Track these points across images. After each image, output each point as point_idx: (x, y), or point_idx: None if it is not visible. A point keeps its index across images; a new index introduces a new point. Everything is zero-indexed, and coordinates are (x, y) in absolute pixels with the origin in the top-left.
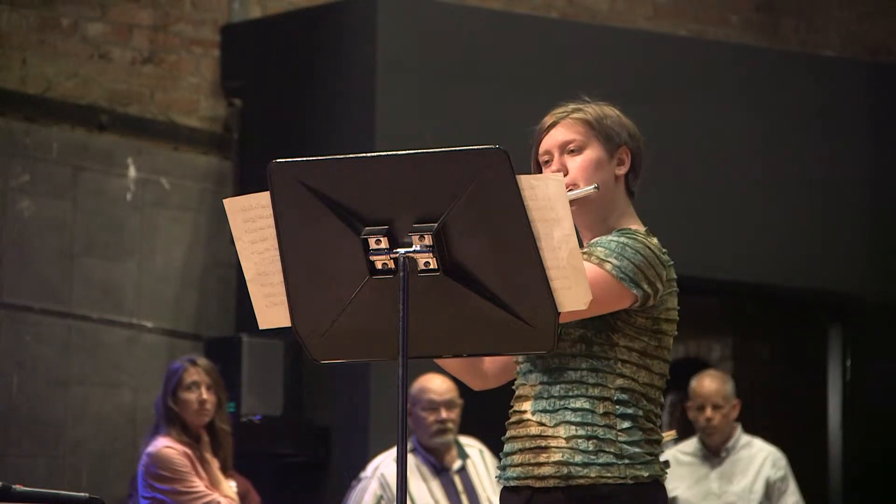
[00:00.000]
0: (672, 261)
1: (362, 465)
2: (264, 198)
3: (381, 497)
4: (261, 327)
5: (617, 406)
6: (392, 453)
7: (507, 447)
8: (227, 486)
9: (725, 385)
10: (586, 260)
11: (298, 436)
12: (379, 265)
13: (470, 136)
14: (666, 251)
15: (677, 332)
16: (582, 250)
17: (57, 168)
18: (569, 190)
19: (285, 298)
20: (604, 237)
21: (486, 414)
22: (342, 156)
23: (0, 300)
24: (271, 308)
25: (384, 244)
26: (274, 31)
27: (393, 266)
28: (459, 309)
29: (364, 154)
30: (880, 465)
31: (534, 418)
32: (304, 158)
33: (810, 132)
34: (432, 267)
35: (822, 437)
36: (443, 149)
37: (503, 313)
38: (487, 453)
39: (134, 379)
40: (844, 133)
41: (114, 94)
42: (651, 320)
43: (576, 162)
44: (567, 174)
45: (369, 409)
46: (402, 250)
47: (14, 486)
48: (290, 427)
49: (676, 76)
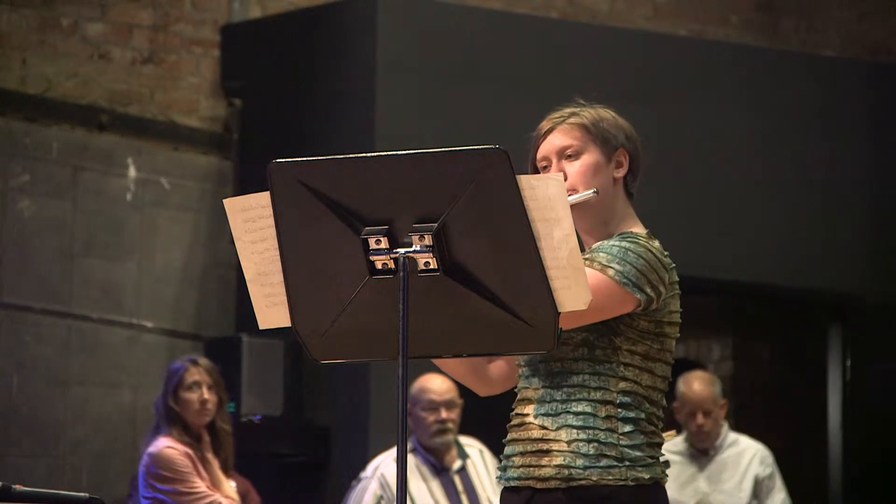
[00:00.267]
0: (674, 263)
1: (362, 465)
2: (264, 198)
3: (381, 497)
4: (261, 327)
5: (619, 409)
6: (392, 453)
7: (508, 449)
8: (229, 486)
9: (714, 388)
10: (588, 266)
11: (298, 436)
12: (379, 265)
13: (470, 136)
14: (667, 253)
15: (679, 335)
16: (584, 256)
17: (57, 168)
18: (568, 195)
19: (285, 298)
20: (605, 242)
21: (486, 414)
22: (342, 156)
23: (0, 300)
24: (271, 308)
25: (384, 244)
26: (274, 31)
27: (393, 266)
28: (459, 309)
29: (364, 154)
30: (880, 465)
31: (536, 421)
32: (304, 158)
33: (810, 132)
34: (432, 267)
35: (822, 437)
36: (443, 149)
37: (503, 313)
38: (487, 453)
39: (134, 379)
40: (844, 133)
41: (114, 94)
42: (654, 323)
43: (574, 167)
44: (566, 179)
45: (369, 409)
46: (402, 250)
47: (14, 486)
48: (290, 427)
49: (676, 76)
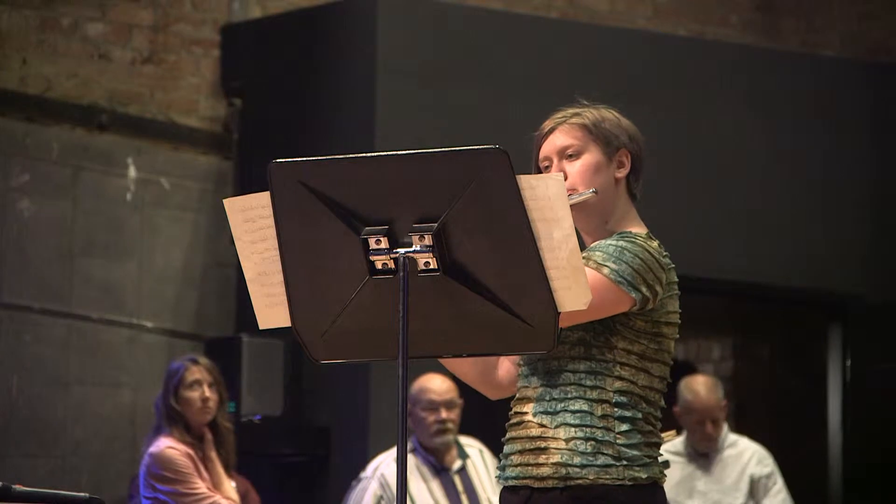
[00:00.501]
0: (673, 264)
1: (362, 465)
2: (264, 198)
3: (381, 497)
4: (261, 327)
5: (615, 408)
6: (392, 453)
7: (507, 448)
8: (230, 487)
9: (719, 392)
10: (584, 264)
11: (298, 436)
12: (379, 265)
13: (470, 136)
14: (667, 254)
15: (678, 335)
16: (581, 254)
17: (57, 168)
18: (569, 195)
19: (285, 298)
20: (602, 241)
21: (486, 414)
22: (342, 156)
23: (0, 300)
24: (271, 308)
25: (384, 244)
26: (274, 31)
27: (393, 266)
28: (459, 309)
29: (364, 154)
30: (880, 465)
31: (534, 420)
32: (304, 158)
33: (810, 132)
34: (432, 267)
35: (822, 437)
36: (443, 149)
37: (503, 313)
38: (487, 453)
39: (134, 379)
40: (844, 133)
41: (114, 94)
42: (651, 323)
43: (574, 167)
44: (566, 179)
45: (369, 409)
46: (402, 250)
47: (14, 486)
48: (290, 427)
49: (676, 76)
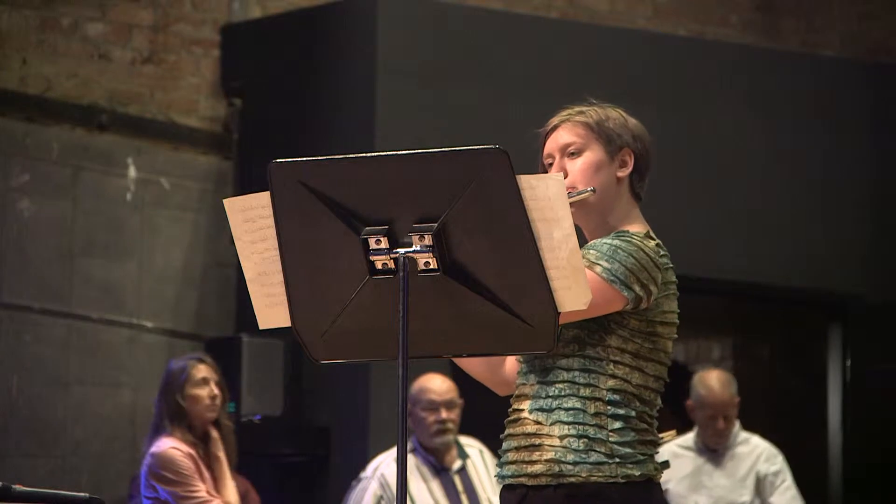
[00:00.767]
0: (671, 264)
1: (362, 465)
2: (264, 198)
3: (381, 497)
4: (261, 327)
5: (608, 406)
6: (392, 453)
7: (505, 444)
8: (233, 488)
9: (733, 388)
10: None
11: (298, 436)
12: (379, 265)
13: (470, 136)
14: (665, 254)
15: (677, 336)
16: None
17: (57, 168)
18: (567, 192)
19: (285, 298)
20: (598, 240)
21: (486, 414)
22: (342, 156)
23: (0, 300)
24: (271, 308)
25: (384, 244)
26: (274, 31)
27: (393, 266)
28: (459, 309)
29: (364, 154)
30: (880, 465)
31: (531, 417)
32: (304, 158)
33: (810, 132)
34: (432, 267)
35: (822, 437)
36: (443, 149)
37: (503, 313)
38: (487, 453)
39: (134, 379)
40: (844, 133)
41: (114, 94)
42: (645, 323)
43: (575, 165)
44: (567, 177)
45: (369, 409)
46: (402, 250)
47: (14, 486)
48: (290, 427)
49: (676, 76)
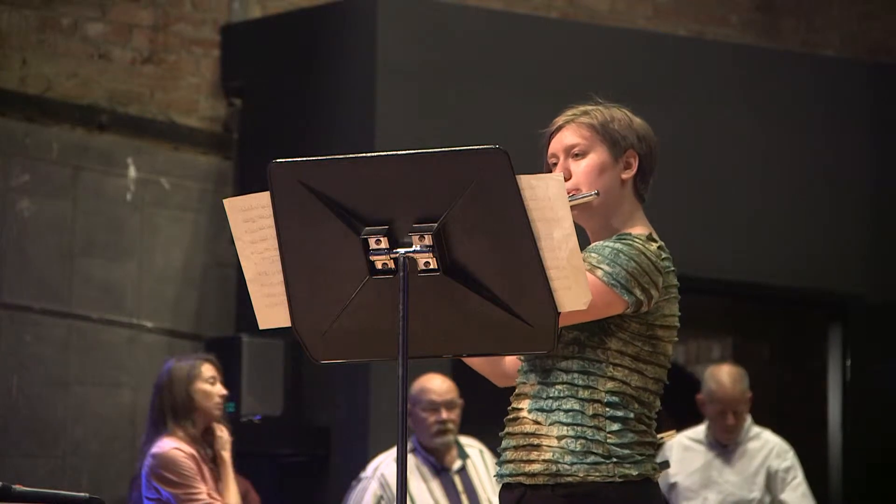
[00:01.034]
0: (673, 267)
1: (362, 465)
2: (264, 198)
3: (381, 497)
4: (261, 327)
5: (607, 408)
6: (392, 453)
7: (504, 443)
8: (234, 491)
9: (745, 384)
10: None
11: (298, 436)
12: (379, 265)
13: (470, 136)
14: (668, 256)
15: (677, 338)
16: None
17: (57, 168)
18: (571, 195)
19: (285, 298)
20: (599, 243)
21: (486, 414)
22: (342, 156)
23: (0, 300)
24: (271, 308)
25: (384, 244)
26: (274, 31)
27: (393, 266)
28: (459, 309)
29: (364, 154)
30: (880, 465)
31: (529, 416)
32: (304, 158)
33: (810, 132)
34: (432, 267)
35: (822, 437)
36: (443, 149)
37: (503, 313)
38: (487, 453)
39: (134, 379)
40: (844, 133)
41: (114, 94)
42: (646, 326)
43: (579, 166)
44: (571, 178)
45: (369, 409)
46: (402, 250)
47: (14, 486)
48: (290, 427)
49: (676, 76)
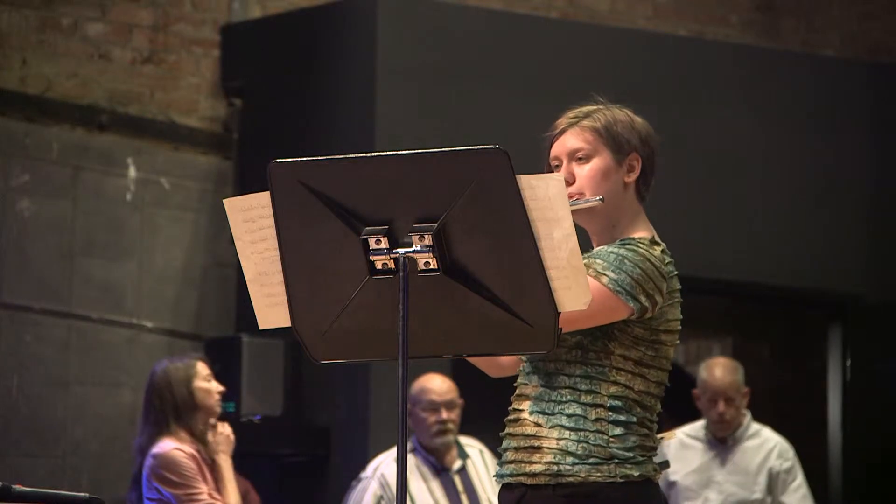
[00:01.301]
0: (676, 270)
1: (362, 465)
2: (264, 198)
3: (381, 497)
4: (261, 327)
5: (610, 412)
6: (392, 453)
7: (504, 443)
8: (234, 490)
9: (737, 375)
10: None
11: (298, 436)
12: (379, 265)
13: (470, 136)
14: (671, 260)
15: (678, 341)
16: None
17: (57, 168)
18: (575, 199)
19: (285, 298)
20: (604, 248)
21: (486, 414)
22: (342, 156)
23: (0, 300)
24: (271, 308)
25: (384, 244)
26: (274, 31)
27: (393, 266)
28: (459, 309)
29: (364, 154)
30: (880, 465)
31: (531, 418)
32: (304, 158)
33: (810, 132)
34: (432, 267)
35: (822, 437)
36: (443, 149)
37: (503, 313)
38: (487, 453)
39: (134, 379)
40: (844, 133)
41: (114, 94)
42: (649, 331)
43: (583, 171)
44: (575, 182)
45: (369, 409)
46: (402, 250)
47: (14, 486)
48: (290, 427)
49: (676, 76)
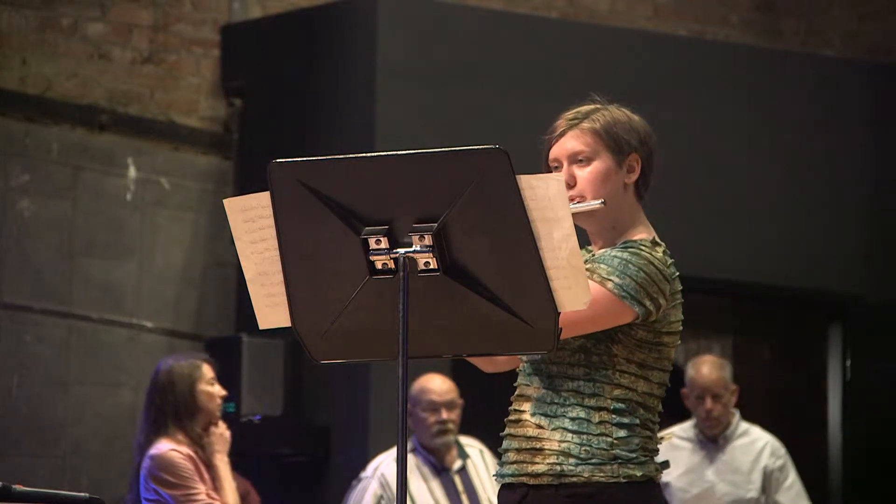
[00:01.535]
0: (677, 272)
1: (362, 465)
2: (264, 198)
3: (382, 497)
4: (261, 327)
5: (613, 415)
6: (392, 453)
7: (505, 444)
8: (232, 490)
9: (724, 372)
10: (589, 277)
11: (298, 436)
12: (379, 265)
13: (470, 137)
14: (672, 262)
15: (679, 342)
16: (585, 266)
17: (57, 168)
18: (577, 202)
19: (285, 298)
20: (608, 252)
21: (486, 414)
22: (342, 156)
23: (0, 300)
24: (271, 308)
25: (384, 244)
26: (274, 31)
27: (393, 266)
28: (459, 309)
29: (364, 154)
30: (880, 465)
31: (532, 420)
32: (304, 158)
33: (810, 132)
34: (432, 267)
35: (822, 437)
36: (443, 149)
37: (503, 313)
38: (487, 453)
39: (134, 379)
40: (844, 133)
41: (114, 94)
42: (653, 334)
43: (584, 173)
44: (575, 184)
45: (369, 409)
46: (402, 250)
47: (14, 486)
48: (290, 427)
49: (676, 76)
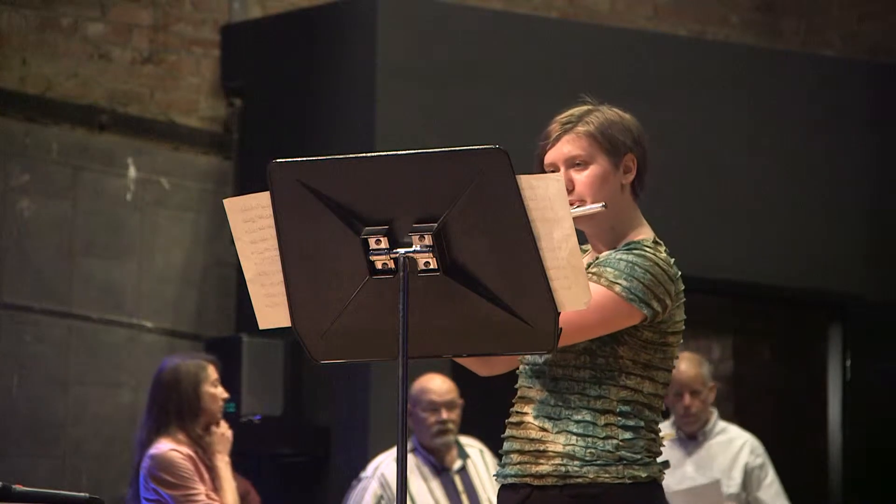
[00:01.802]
0: (679, 271)
1: (362, 465)
2: (264, 198)
3: (382, 497)
4: (261, 327)
5: (619, 417)
6: (392, 453)
7: (506, 445)
8: (232, 490)
9: (702, 369)
10: (596, 281)
11: (298, 436)
12: (379, 265)
13: (470, 137)
14: (674, 261)
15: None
16: (590, 270)
17: (57, 168)
18: (577, 206)
19: (285, 298)
20: (612, 255)
21: (486, 414)
22: (342, 156)
23: (0, 300)
24: (271, 308)
25: (384, 244)
26: (274, 31)
27: (393, 266)
28: (459, 309)
29: (364, 154)
30: (880, 465)
31: (535, 422)
32: (304, 158)
33: (810, 132)
34: (432, 267)
35: (822, 437)
36: (443, 149)
37: (503, 313)
38: (488, 453)
39: (134, 379)
40: (844, 133)
41: (114, 94)
42: (658, 334)
43: (582, 177)
44: (574, 189)
45: (369, 409)
46: (402, 250)
47: (14, 486)
48: (290, 427)
49: (676, 76)
